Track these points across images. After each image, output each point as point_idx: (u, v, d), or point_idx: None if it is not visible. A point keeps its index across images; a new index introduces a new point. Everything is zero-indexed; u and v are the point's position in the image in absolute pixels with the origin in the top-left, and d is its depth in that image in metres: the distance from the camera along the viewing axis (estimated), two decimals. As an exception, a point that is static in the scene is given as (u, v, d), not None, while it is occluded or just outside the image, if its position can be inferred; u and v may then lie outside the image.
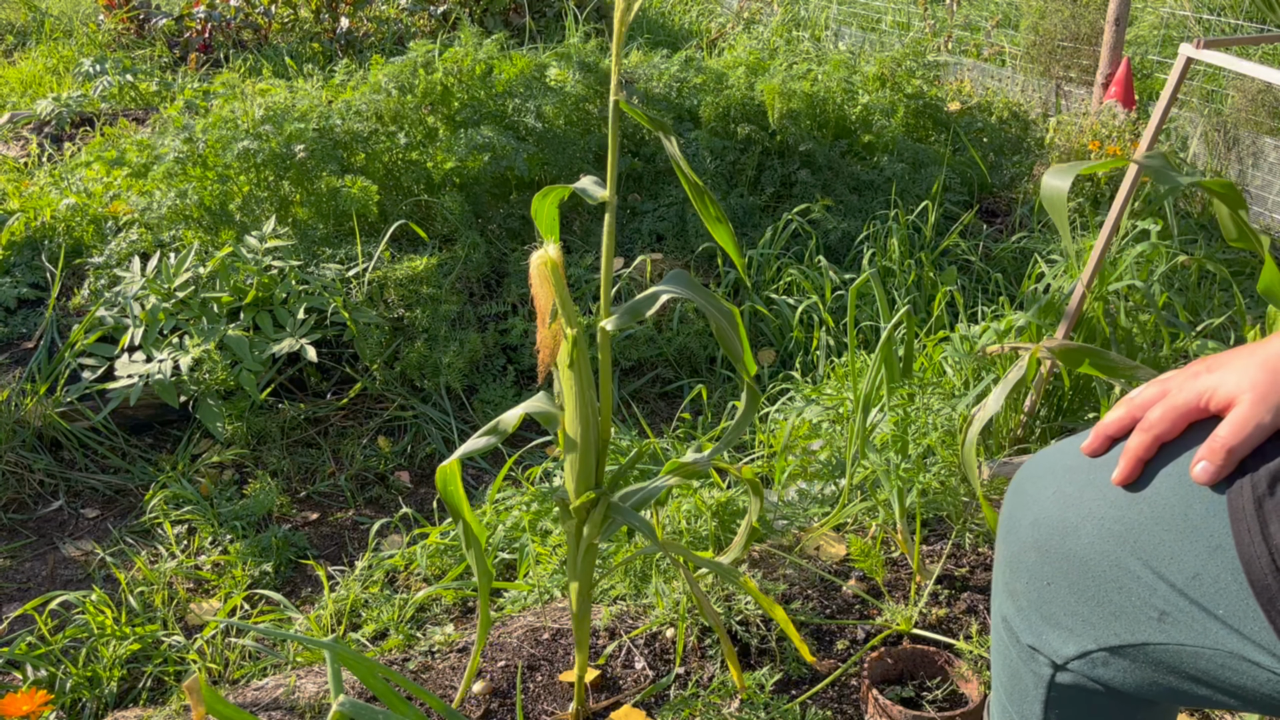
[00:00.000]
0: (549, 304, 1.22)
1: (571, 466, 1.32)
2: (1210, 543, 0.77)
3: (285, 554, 2.30)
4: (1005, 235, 3.58)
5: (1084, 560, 0.86)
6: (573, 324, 1.22)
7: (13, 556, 2.37)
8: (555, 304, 1.21)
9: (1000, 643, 1.01)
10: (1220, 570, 0.76)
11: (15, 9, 7.05)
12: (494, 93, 3.41)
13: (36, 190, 3.40)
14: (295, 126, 3.06)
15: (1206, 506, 0.77)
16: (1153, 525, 0.81)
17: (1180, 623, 0.80)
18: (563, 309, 1.21)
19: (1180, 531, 0.79)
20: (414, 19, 5.64)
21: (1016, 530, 0.93)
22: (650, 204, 3.48)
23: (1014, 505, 0.95)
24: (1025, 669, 0.97)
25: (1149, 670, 0.86)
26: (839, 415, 2.24)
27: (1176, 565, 0.79)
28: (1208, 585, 0.77)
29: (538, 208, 1.25)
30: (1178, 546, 0.79)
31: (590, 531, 1.35)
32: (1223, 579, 0.76)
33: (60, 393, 2.63)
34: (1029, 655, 0.95)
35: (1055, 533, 0.89)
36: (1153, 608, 0.82)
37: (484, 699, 1.63)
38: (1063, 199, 1.33)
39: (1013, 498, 0.96)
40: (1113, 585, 0.84)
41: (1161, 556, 0.80)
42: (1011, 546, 0.94)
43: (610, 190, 1.20)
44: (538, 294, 1.21)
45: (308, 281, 2.79)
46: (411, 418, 2.81)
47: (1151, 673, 0.86)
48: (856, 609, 1.80)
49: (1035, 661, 0.95)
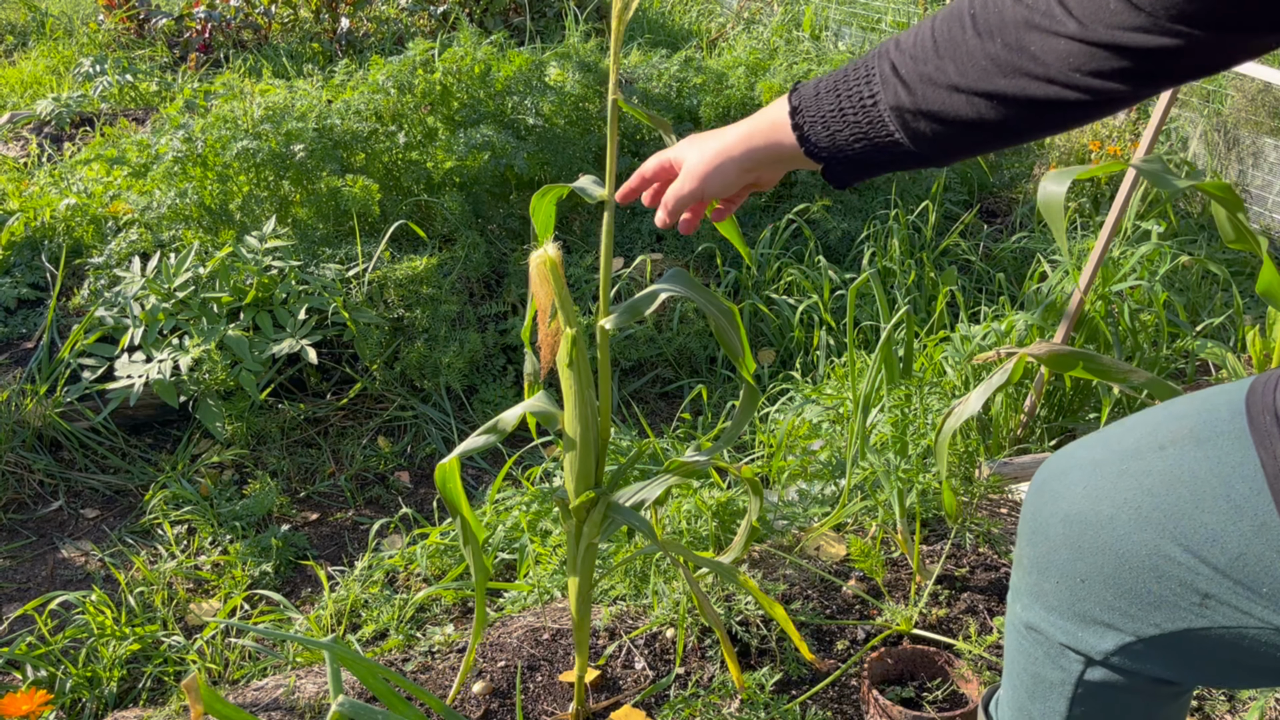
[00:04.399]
0: (549, 303, 1.22)
1: (571, 466, 1.32)
2: (1255, 521, 0.76)
3: (285, 554, 2.30)
4: (1006, 235, 3.58)
5: (1120, 552, 0.86)
6: (572, 323, 1.22)
7: (13, 557, 2.37)
8: (554, 303, 1.21)
9: (1021, 644, 1.00)
10: (1265, 548, 0.76)
11: (15, 9, 7.05)
12: (493, 92, 3.41)
13: (36, 190, 3.40)
14: (294, 126, 3.06)
15: (1250, 485, 0.77)
16: (1193, 509, 0.80)
17: (1223, 606, 0.80)
18: (562, 308, 1.21)
19: (1223, 513, 0.78)
20: (414, 19, 5.64)
21: (1045, 530, 0.92)
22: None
23: (1038, 505, 0.94)
24: (1051, 668, 0.96)
25: (1187, 656, 0.86)
26: (839, 415, 2.24)
27: (1219, 547, 0.78)
28: (1252, 564, 0.77)
29: (536, 206, 1.25)
30: (1220, 528, 0.78)
31: (590, 531, 1.35)
32: (1267, 556, 0.76)
33: (60, 393, 2.63)
34: (1058, 653, 0.94)
35: (1089, 527, 0.88)
36: (1195, 592, 0.81)
37: (484, 699, 1.62)
38: (1059, 205, 1.34)
39: (1036, 498, 0.94)
40: (1151, 575, 0.84)
41: (1203, 539, 0.79)
42: (1039, 547, 0.93)
43: (609, 188, 1.20)
44: (537, 293, 1.22)
45: (308, 281, 2.79)
46: (411, 418, 2.81)
47: (1189, 658, 0.86)
48: (856, 609, 1.80)
49: (1065, 658, 0.94)
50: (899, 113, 0.81)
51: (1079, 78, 0.71)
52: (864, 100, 0.83)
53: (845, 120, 0.85)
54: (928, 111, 0.79)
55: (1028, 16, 0.72)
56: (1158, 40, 0.67)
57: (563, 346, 1.24)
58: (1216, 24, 0.66)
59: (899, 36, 0.82)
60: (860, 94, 0.83)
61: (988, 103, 0.76)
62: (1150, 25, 0.67)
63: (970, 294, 3.20)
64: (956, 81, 0.77)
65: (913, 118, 0.80)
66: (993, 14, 0.75)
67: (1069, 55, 0.71)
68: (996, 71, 0.74)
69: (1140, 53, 0.68)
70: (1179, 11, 0.66)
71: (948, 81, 0.77)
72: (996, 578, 1.87)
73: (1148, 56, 0.68)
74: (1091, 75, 0.71)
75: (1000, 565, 1.91)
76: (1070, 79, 0.72)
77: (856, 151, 0.86)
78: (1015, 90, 0.74)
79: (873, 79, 0.82)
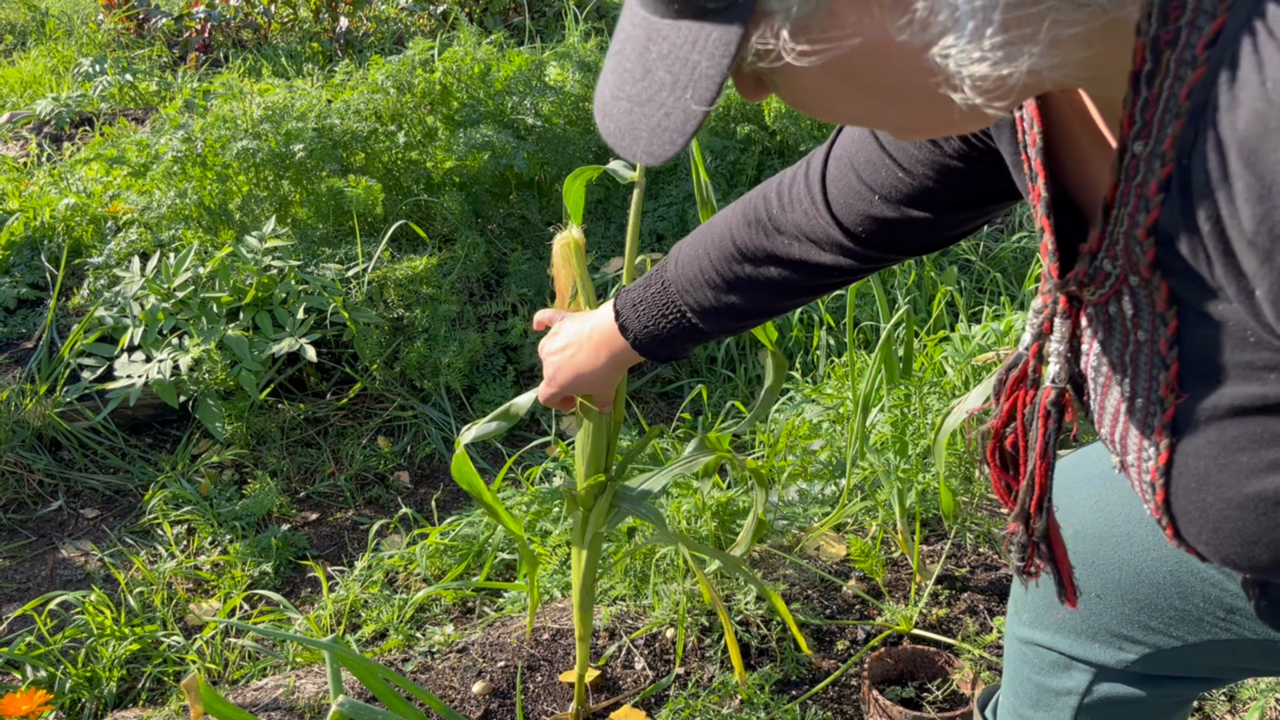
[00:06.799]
0: (569, 284, 1.23)
1: (582, 448, 1.31)
2: None
3: (285, 554, 2.30)
4: (1006, 235, 3.58)
5: (1139, 568, 0.85)
6: (592, 302, 1.23)
7: (12, 557, 2.37)
8: (576, 283, 1.22)
9: (1023, 654, 0.98)
10: None
11: (15, 9, 7.04)
12: (493, 92, 3.41)
13: (36, 190, 3.40)
14: (294, 126, 3.06)
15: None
16: None
17: (1250, 621, 0.79)
18: (583, 288, 1.23)
19: None
20: (414, 19, 5.63)
21: None
22: (650, 203, 3.47)
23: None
24: (1057, 679, 0.95)
25: (1207, 661, 0.85)
26: (839, 415, 2.24)
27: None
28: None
29: (568, 188, 1.27)
30: None
31: (597, 519, 1.34)
32: None
33: (60, 393, 2.63)
34: (1065, 664, 0.93)
35: (1103, 543, 0.87)
36: (1221, 607, 0.81)
37: (484, 699, 1.62)
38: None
39: None
40: (1174, 591, 0.83)
41: None
42: None
43: (640, 169, 1.23)
44: (558, 274, 1.23)
45: (307, 281, 2.78)
46: (411, 418, 2.81)
47: (1209, 663, 0.85)
48: (857, 609, 1.80)
49: (1073, 669, 0.93)
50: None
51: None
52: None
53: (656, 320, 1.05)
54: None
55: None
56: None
57: None
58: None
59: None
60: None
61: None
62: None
63: (970, 294, 3.20)
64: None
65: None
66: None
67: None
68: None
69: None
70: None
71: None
72: (996, 578, 1.87)
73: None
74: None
75: (1000, 565, 1.91)
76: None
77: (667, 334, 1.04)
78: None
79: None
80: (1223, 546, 0.61)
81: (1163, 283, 0.57)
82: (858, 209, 0.86)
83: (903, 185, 0.82)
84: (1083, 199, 0.68)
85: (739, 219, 0.95)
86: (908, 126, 0.60)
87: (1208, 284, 0.54)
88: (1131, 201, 0.56)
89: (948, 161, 0.80)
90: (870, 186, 0.84)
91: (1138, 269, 0.58)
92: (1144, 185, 0.54)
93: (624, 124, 0.58)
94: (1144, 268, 0.57)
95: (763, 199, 0.94)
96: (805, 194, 0.90)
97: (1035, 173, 0.67)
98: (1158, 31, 0.49)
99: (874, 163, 0.83)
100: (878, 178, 0.83)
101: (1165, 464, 0.62)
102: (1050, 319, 0.67)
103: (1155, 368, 0.60)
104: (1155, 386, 0.61)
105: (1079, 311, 0.66)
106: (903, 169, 0.82)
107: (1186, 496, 0.62)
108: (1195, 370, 0.58)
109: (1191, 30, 0.48)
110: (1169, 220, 0.54)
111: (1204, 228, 0.50)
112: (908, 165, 0.81)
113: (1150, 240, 0.56)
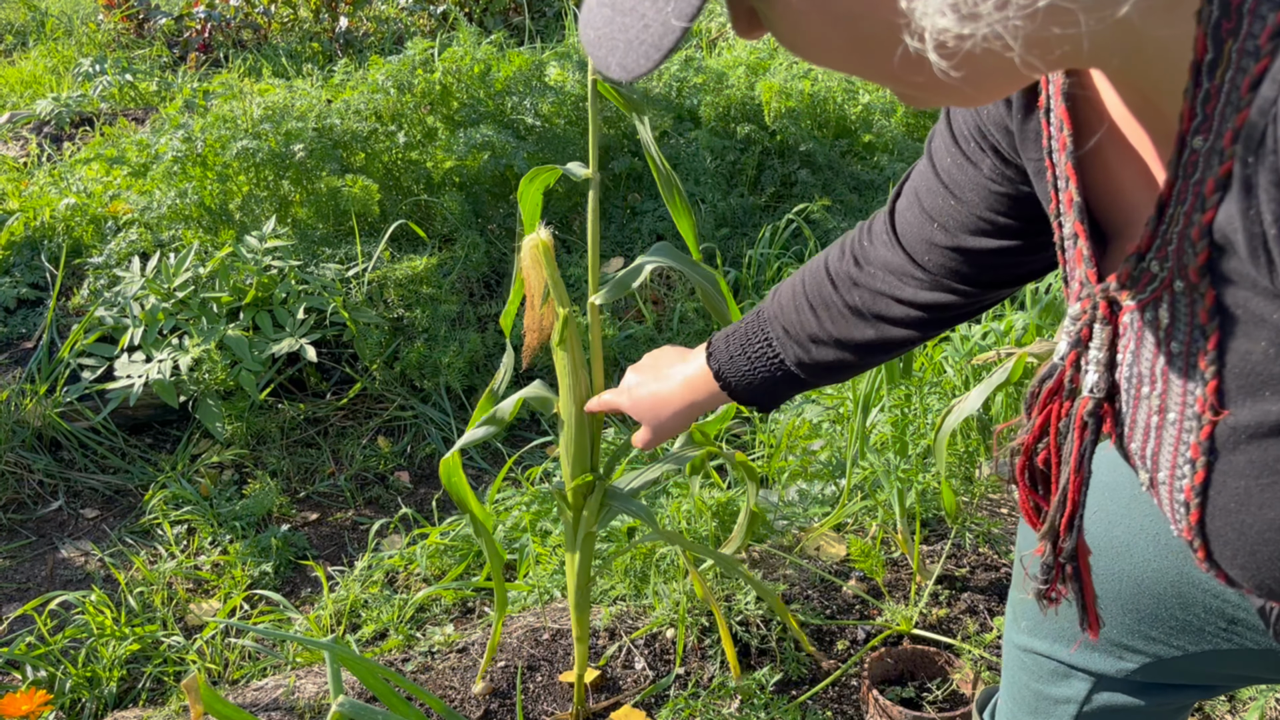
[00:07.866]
0: (540, 286, 1.22)
1: (566, 448, 1.31)
2: None
3: (285, 554, 2.30)
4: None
5: (1140, 579, 0.84)
6: (565, 303, 1.23)
7: (12, 557, 2.37)
8: (547, 285, 1.21)
9: (1022, 661, 0.98)
10: None
11: (15, 9, 7.04)
12: (493, 92, 3.41)
13: (36, 190, 3.39)
14: (294, 125, 3.06)
15: None
16: None
17: (1251, 631, 0.79)
18: (554, 290, 1.22)
19: None
20: (414, 19, 5.63)
21: None
22: (650, 204, 3.47)
23: None
24: (1056, 688, 0.94)
25: (1208, 669, 0.85)
26: (839, 415, 2.24)
27: None
28: None
29: (524, 191, 1.25)
30: None
31: (588, 519, 1.34)
32: None
33: (60, 393, 2.63)
34: (1065, 673, 0.93)
35: (1103, 554, 0.86)
36: (1222, 616, 0.80)
37: (484, 699, 1.62)
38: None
39: None
40: (1175, 601, 0.82)
41: None
42: None
43: (593, 167, 1.22)
44: (529, 276, 1.22)
45: (307, 281, 2.78)
46: (411, 418, 2.81)
47: (1209, 671, 0.85)
48: (857, 609, 1.80)
49: (1072, 678, 0.92)
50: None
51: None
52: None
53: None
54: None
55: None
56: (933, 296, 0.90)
57: (556, 327, 1.24)
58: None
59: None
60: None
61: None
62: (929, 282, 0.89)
63: (970, 294, 3.20)
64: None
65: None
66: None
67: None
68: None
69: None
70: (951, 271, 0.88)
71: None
72: (997, 578, 1.87)
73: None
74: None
75: (1000, 565, 1.91)
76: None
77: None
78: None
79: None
80: (1260, 571, 0.59)
81: (1210, 289, 0.54)
82: (920, 235, 0.86)
83: (955, 212, 0.82)
84: (1105, 207, 0.66)
85: (835, 248, 0.98)
86: (878, 75, 0.57)
87: (1263, 289, 0.51)
88: (1189, 200, 0.53)
89: (988, 184, 0.79)
90: (930, 215, 0.85)
91: (1186, 272, 0.55)
92: (1201, 183, 0.52)
93: (603, 32, 0.56)
94: (1193, 271, 0.55)
95: (857, 231, 0.96)
96: (882, 225, 0.91)
97: (1066, 177, 0.65)
98: (1219, 19, 0.47)
99: (932, 190, 0.84)
100: (935, 204, 0.84)
101: (1202, 483, 0.59)
102: (1089, 324, 0.65)
103: (1190, 381, 0.57)
104: (1191, 402, 0.58)
105: (1118, 317, 0.63)
106: (954, 196, 0.82)
107: (1223, 518, 0.59)
108: (1237, 385, 0.55)
109: (1254, 19, 0.46)
110: (1226, 220, 0.51)
111: (1270, 231, 0.48)
112: (957, 192, 0.81)
113: (1204, 241, 0.53)
